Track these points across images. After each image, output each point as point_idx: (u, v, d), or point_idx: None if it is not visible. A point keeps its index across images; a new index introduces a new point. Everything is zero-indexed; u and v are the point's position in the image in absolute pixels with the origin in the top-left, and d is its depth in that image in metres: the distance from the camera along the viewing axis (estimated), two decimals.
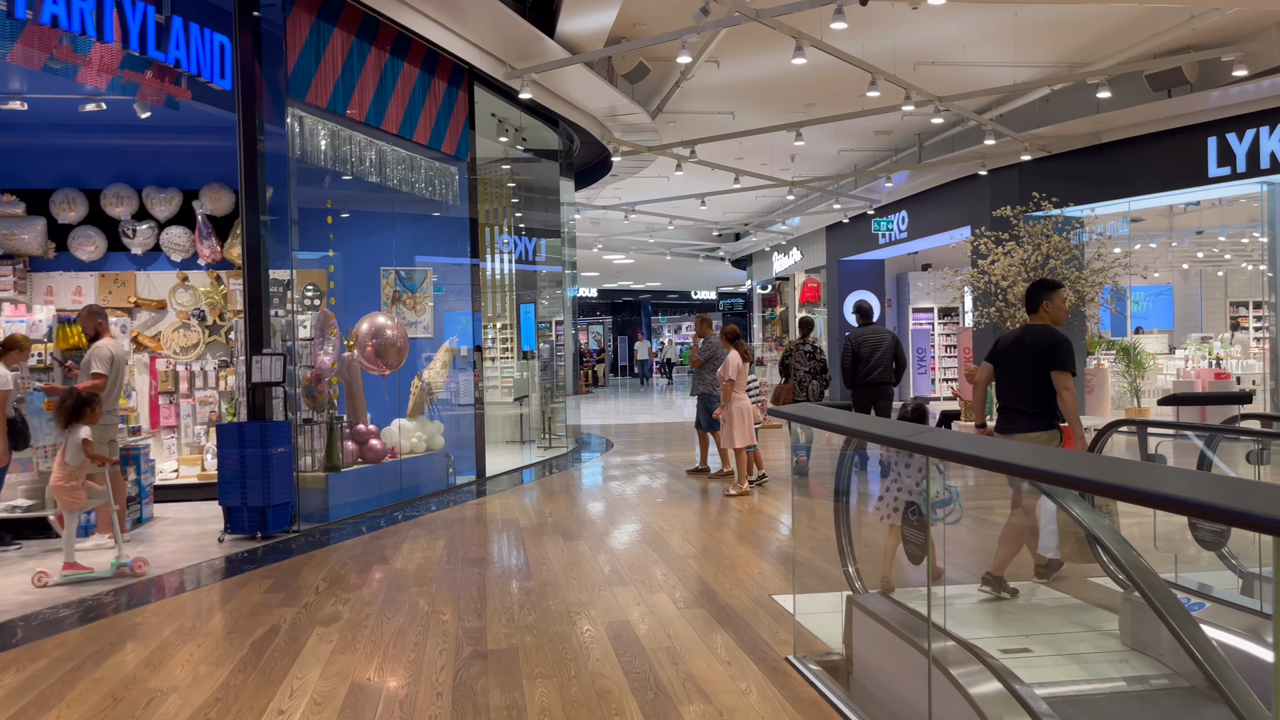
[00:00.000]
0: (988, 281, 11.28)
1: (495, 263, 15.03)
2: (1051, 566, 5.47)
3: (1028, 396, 5.64)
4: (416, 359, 10.24)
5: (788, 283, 28.02)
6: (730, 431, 9.33)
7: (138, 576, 6.28)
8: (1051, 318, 5.80)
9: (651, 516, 8.20)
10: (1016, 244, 10.99)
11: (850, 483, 4.70)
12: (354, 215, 10.24)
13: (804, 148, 17.23)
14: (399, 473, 9.33)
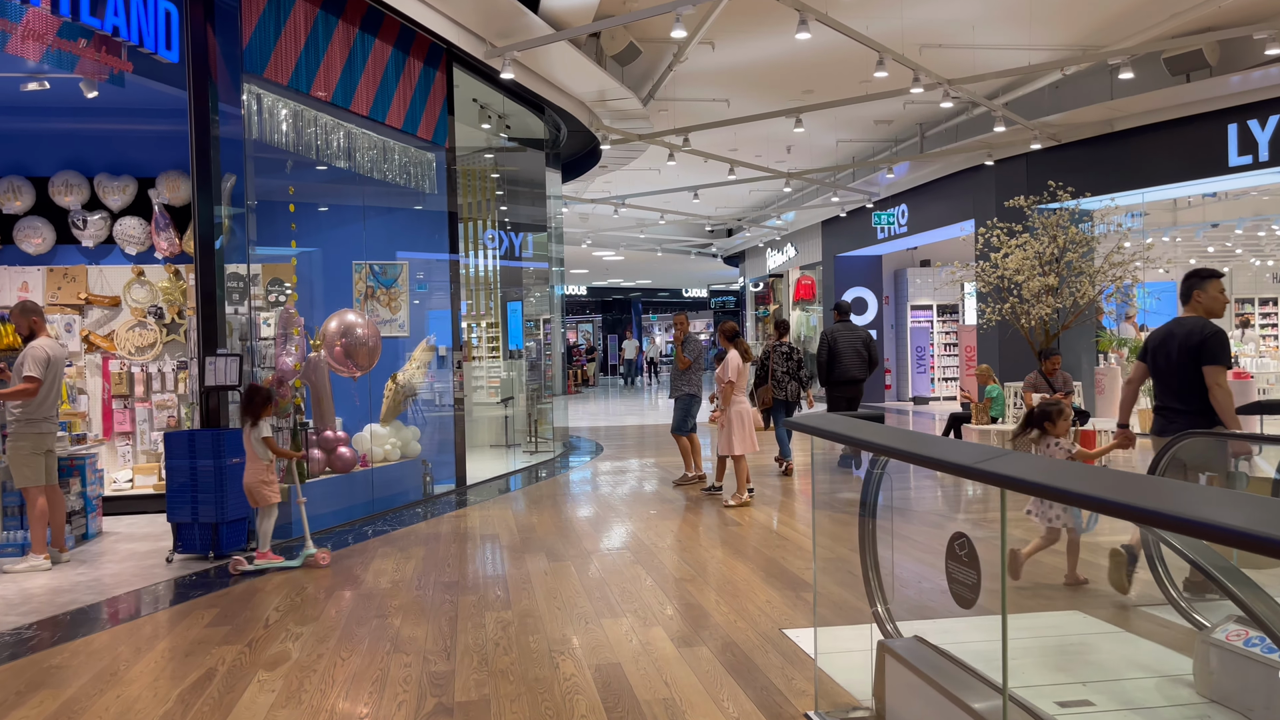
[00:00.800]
0: (999, 276, 10.63)
1: (479, 258, 14.33)
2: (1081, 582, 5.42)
3: (1182, 394, 5.29)
4: (391, 359, 9.53)
5: (781, 280, 27.38)
6: (729, 438, 8.65)
7: (322, 566, 6.48)
8: (1205, 309, 5.39)
9: (644, 531, 7.52)
10: (1031, 236, 10.33)
11: (878, 504, 4.03)
12: (322, 205, 9.54)
13: (801, 139, 16.59)
14: (370, 483, 8.63)
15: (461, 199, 13.91)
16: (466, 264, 14.10)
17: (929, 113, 15.40)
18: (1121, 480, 2.28)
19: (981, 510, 8.01)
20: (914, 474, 9.29)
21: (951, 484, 8.93)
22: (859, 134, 16.76)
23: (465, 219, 13.86)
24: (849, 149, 17.60)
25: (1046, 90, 13.48)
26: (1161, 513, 1.86)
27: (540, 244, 14.51)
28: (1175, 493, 2.07)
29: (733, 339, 8.96)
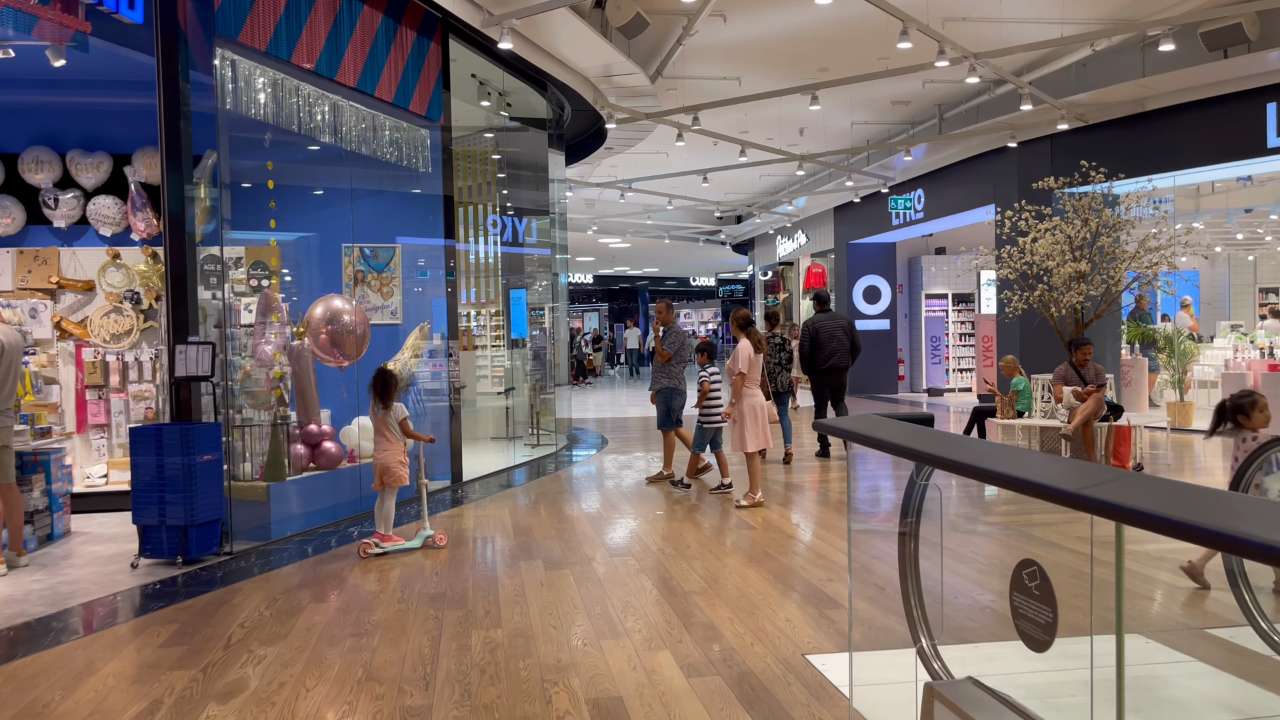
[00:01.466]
0: (1025, 263, 10.03)
1: (481, 244, 13.79)
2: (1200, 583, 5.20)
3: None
4: (383, 348, 8.98)
5: (791, 268, 26.77)
6: (741, 433, 8.08)
7: (440, 546, 6.57)
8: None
9: (650, 535, 6.97)
10: (1062, 220, 9.73)
11: (921, 520, 3.47)
12: (308, 183, 8.98)
13: (815, 121, 15.97)
14: (359, 480, 8.09)
15: (461, 181, 13.36)
16: (466, 250, 13.56)
17: (948, 93, 14.77)
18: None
19: (1051, 529, 7.42)
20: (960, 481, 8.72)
21: (1011, 496, 8.36)
22: (875, 116, 16.13)
23: (465, 202, 13.32)
24: (864, 131, 16.97)
25: (1073, 68, 12.84)
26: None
27: (543, 230, 13.94)
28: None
29: (745, 328, 8.33)
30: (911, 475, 3.36)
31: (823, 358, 10.41)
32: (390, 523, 6.60)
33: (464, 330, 14.40)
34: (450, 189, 9.49)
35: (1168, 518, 1.72)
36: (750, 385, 8.10)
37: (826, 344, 10.35)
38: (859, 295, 21.36)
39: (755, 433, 8.04)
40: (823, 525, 7.19)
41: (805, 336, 10.58)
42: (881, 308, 21.42)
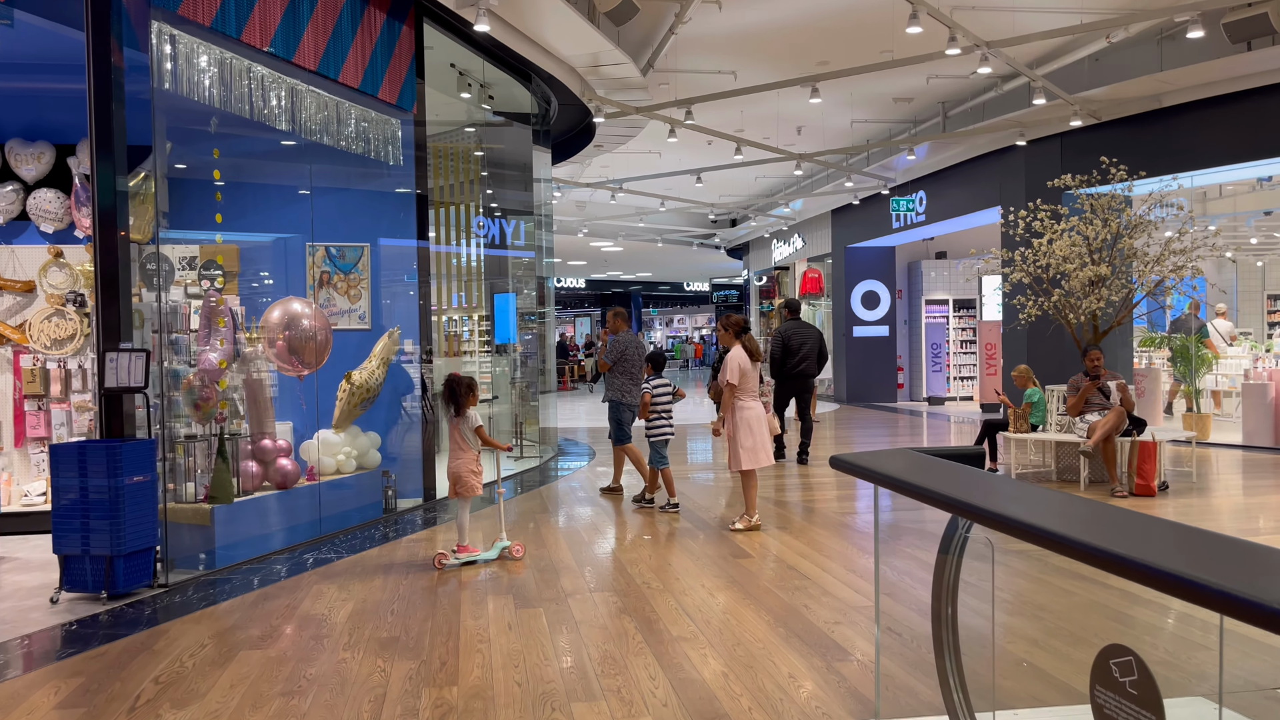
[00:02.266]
0: (1038, 266, 9.39)
1: (464, 246, 13.13)
2: None
3: None
4: (350, 355, 8.32)
5: (787, 272, 26.13)
6: (733, 450, 7.43)
7: (517, 558, 6.36)
8: None
9: (636, 564, 6.30)
10: (1080, 220, 9.09)
11: (959, 576, 2.79)
12: (268, 176, 8.29)
13: (813, 119, 15.34)
14: (317, 500, 7.40)
15: (441, 180, 12.70)
16: (446, 252, 12.90)
17: (953, 89, 14.15)
18: None
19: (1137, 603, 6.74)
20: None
21: None
22: (876, 114, 15.51)
23: (446, 202, 12.66)
24: (864, 130, 16.34)
25: (1086, 63, 12.24)
26: None
27: (529, 231, 13.27)
28: None
29: (740, 334, 7.60)
30: (950, 525, 2.70)
31: (792, 364, 10.63)
32: (466, 532, 6.37)
33: (450, 336, 13.75)
34: (425, 184, 8.83)
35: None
36: (744, 397, 7.41)
37: (797, 351, 10.60)
38: (857, 301, 20.73)
39: (752, 450, 7.36)
40: (825, 553, 6.51)
41: (776, 343, 10.86)
42: (880, 314, 20.79)
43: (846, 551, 6.51)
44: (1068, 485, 9.08)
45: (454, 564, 6.22)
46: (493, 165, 13.08)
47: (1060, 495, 2.20)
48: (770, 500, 8.65)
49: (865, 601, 5.24)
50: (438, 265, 12.84)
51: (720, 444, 12.89)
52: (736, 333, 7.62)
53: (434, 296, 12.84)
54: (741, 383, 7.33)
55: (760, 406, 7.52)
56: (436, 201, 12.70)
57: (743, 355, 7.39)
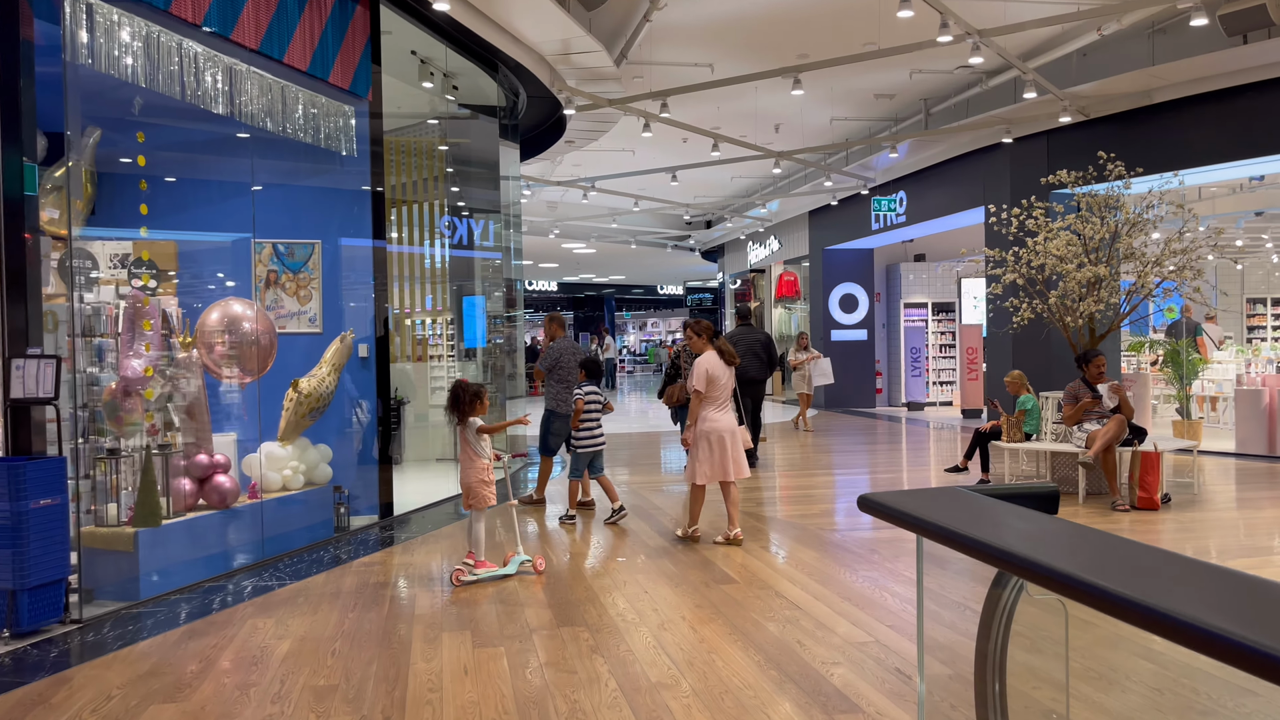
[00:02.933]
0: (1032, 267, 8.92)
1: (428, 246, 12.51)
2: None
3: None
4: (299, 361, 7.69)
5: (762, 275, 25.68)
6: (693, 463, 6.94)
7: (537, 573, 6.08)
8: None
9: (609, 590, 5.72)
10: (1076, 218, 8.63)
11: (1005, 651, 2.24)
12: (204, 166, 7.65)
13: (792, 117, 14.87)
14: (260, 520, 6.76)
15: (404, 176, 12.07)
16: (409, 252, 12.28)
17: (936, 85, 13.71)
18: None
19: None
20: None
21: None
22: (856, 111, 15.05)
23: (411, 200, 12.04)
24: (844, 129, 15.88)
25: (1074, 58, 11.82)
26: None
27: (497, 231, 12.67)
28: None
29: (711, 339, 7.13)
30: (999, 580, 2.14)
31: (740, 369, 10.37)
32: (482, 546, 6.01)
33: (419, 340, 13.11)
34: (381, 178, 8.21)
35: None
36: (712, 407, 6.87)
37: (744, 356, 10.42)
38: (835, 304, 20.29)
39: (713, 462, 6.83)
40: (815, 576, 5.97)
41: None
42: (858, 317, 20.36)
43: (838, 575, 5.97)
44: (1066, 498, 8.60)
45: (472, 579, 5.86)
46: (458, 161, 12.47)
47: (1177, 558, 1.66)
48: (750, 515, 8.10)
49: (864, 636, 4.70)
50: (400, 266, 12.21)
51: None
52: (710, 337, 7.13)
53: (398, 299, 12.23)
54: (709, 391, 6.82)
55: (729, 419, 6.95)
56: (399, 200, 12.09)
57: (714, 361, 6.88)
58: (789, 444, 13.72)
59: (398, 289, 12.10)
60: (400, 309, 12.28)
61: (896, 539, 6.98)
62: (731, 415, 6.95)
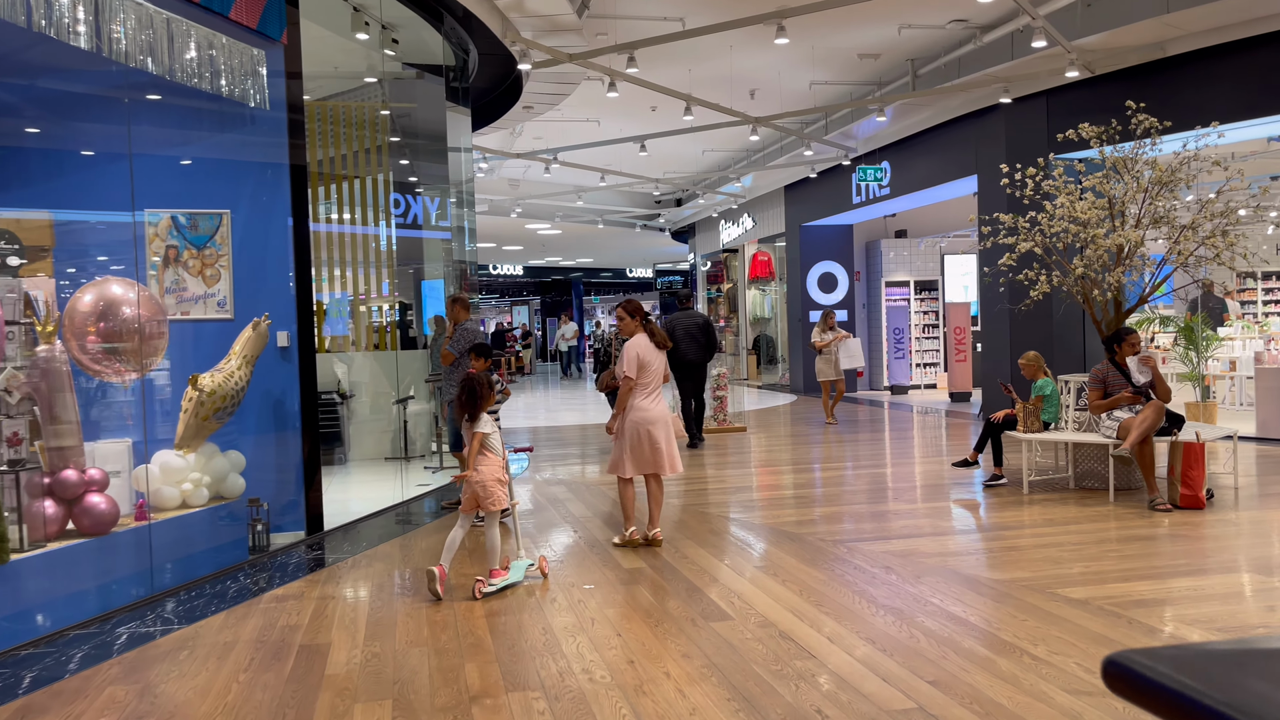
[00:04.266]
0: (1046, 235, 7.90)
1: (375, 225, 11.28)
2: None
3: None
4: (205, 351, 6.50)
5: (735, 255, 24.62)
6: (617, 455, 6.25)
7: (542, 577, 5.59)
8: None
9: (573, 637, 4.61)
10: (1101, 178, 7.61)
11: None
12: (78, 119, 6.41)
13: (768, 81, 13.77)
14: (148, 546, 5.58)
15: (342, 148, 10.83)
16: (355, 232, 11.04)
17: (926, 43, 12.65)
18: None
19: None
20: None
21: None
22: (838, 73, 13.96)
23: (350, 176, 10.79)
24: (825, 93, 14.78)
25: (1079, 7, 10.78)
26: None
27: (444, 207, 11.46)
28: None
29: (644, 321, 6.46)
30: None
31: (680, 353, 10.67)
32: (497, 554, 5.39)
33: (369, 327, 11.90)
34: (302, 132, 7.00)
35: None
36: (643, 394, 6.24)
37: (683, 340, 10.73)
38: (813, 284, 19.27)
39: (638, 457, 6.21)
40: (825, 607, 4.90)
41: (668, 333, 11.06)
42: (838, 297, 19.36)
43: (852, 605, 4.91)
44: (1091, 495, 7.62)
45: (492, 590, 5.27)
46: (403, 130, 11.24)
47: None
48: (734, 521, 7.03)
49: (902, 700, 3.62)
50: (342, 248, 10.97)
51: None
52: (643, 318, 6.45)
53: (341, 283, 11.01)
54: (640, 377, 6.22)
55: (661, 407, 6.32)
56: (339, 175, 10.84)
57: (644, 345, 6.30)
58: (771, 434, 12.68)
59: (338, 272, 10.87)
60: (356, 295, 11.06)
61: (910, 551, 5.93)
62: (664, 404, 6.37)
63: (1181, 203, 7.78)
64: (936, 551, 5.95)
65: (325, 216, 10.43)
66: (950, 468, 8.94)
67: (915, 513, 7.21)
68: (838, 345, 13.56)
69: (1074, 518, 6.82)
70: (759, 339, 23.72)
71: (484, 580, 5.28)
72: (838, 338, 13.62)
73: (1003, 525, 6.67)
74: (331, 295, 11.04)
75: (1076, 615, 4.57)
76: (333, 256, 10.59)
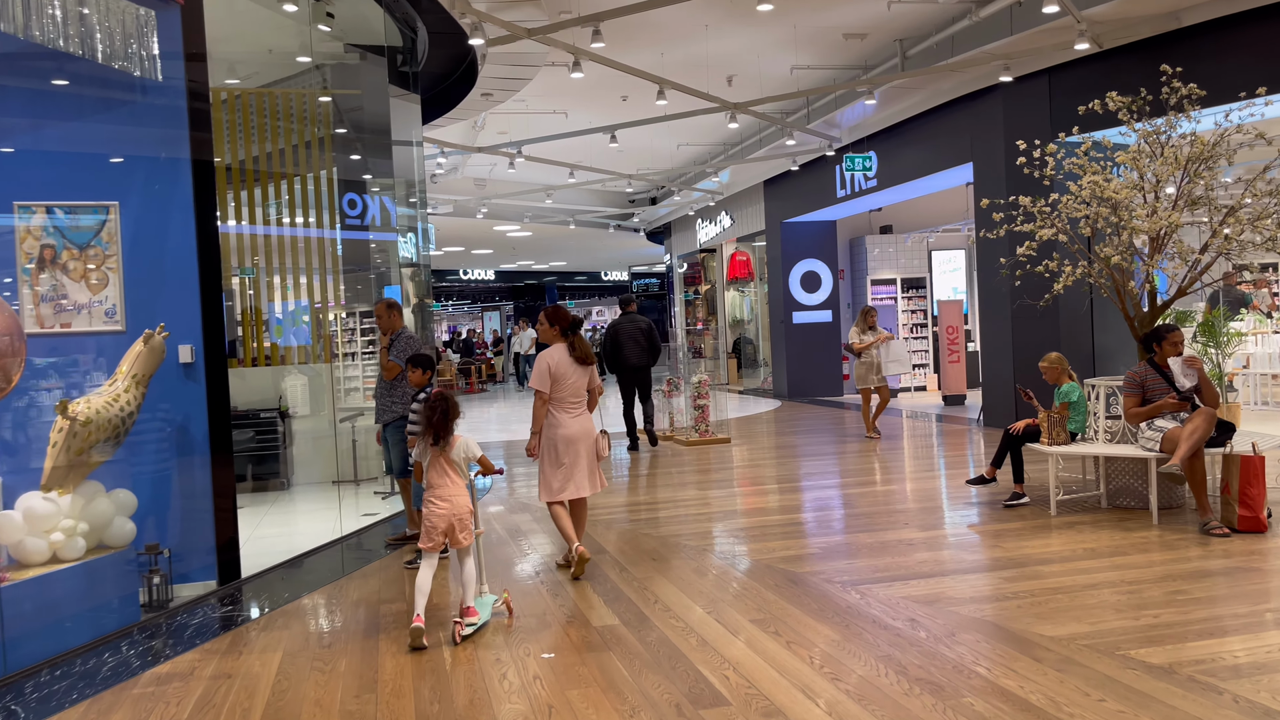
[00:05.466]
0: (1073, 222, 6.95)
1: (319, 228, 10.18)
2: None
3: None
4: (85, 373, 5.43)
5: (713, 255, 23.66)
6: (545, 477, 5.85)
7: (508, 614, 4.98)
8: None
9: (531, 704, 3.59)
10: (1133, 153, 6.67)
11: None
12: None
13: (747, 65, 12.83)
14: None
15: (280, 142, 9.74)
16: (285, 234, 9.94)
17: (916, 20, 11.72)
18: None
19: None
20: None
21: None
22: (821, 57, 13.02)
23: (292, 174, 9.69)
24: (807, 78, 13.84)
25: None
26: None
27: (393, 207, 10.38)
28: None
29: (564, 329, 5.86)
30: None
31: (622, 357, 11.12)
32: (473, 589, 4.87)
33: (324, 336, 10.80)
34: (205, 103, 5.93)
35: None
36: (561, 408, 5.78)
37: (625, 344, 11.06)
38: (796, 283, 18.31)
39: (558, 478, 5.78)
40: (846, 683, 3.89)
41: (607, 338, 11.32)
42: (822, 296, 18.43)
43: (879, 678, 3.90)
44: (1130, 517, 6.67)
45: (471, 630, 4.71)
46: (347, 121, 10.15)
47: None
48: (720, 555, 6.03)
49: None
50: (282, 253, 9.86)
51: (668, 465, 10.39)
52: (563, 329, 5.84)
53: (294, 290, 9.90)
54: (555, 390, 5.76)
55: (582, 424, 5.84)
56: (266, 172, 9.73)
57: (559, 357, 5.78)
58: (757, 446, 11.69)
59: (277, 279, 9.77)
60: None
61: (937, 596, 4.95)
62: (586, 419, 5.89)
63: (1220, 183, 6.85)
64: (968, 595, 4.97)
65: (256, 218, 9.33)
66: (964, 484, 7.97)
67: (932, 542, 6.23)
68: (880, 348, 11.75)
69: (1118, 546, 5.87)
70: (739, 342, 22.78)
71: (461, 622, 4.68)
72: (879, 339, 11.71)
73: (1039, 558, 5.70)
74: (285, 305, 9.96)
75: (1166, 692, 3.59)
76: (271, 263, 9.49)
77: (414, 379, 6.05)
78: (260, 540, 7.53)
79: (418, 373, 6.02)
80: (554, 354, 5.79)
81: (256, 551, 6.71)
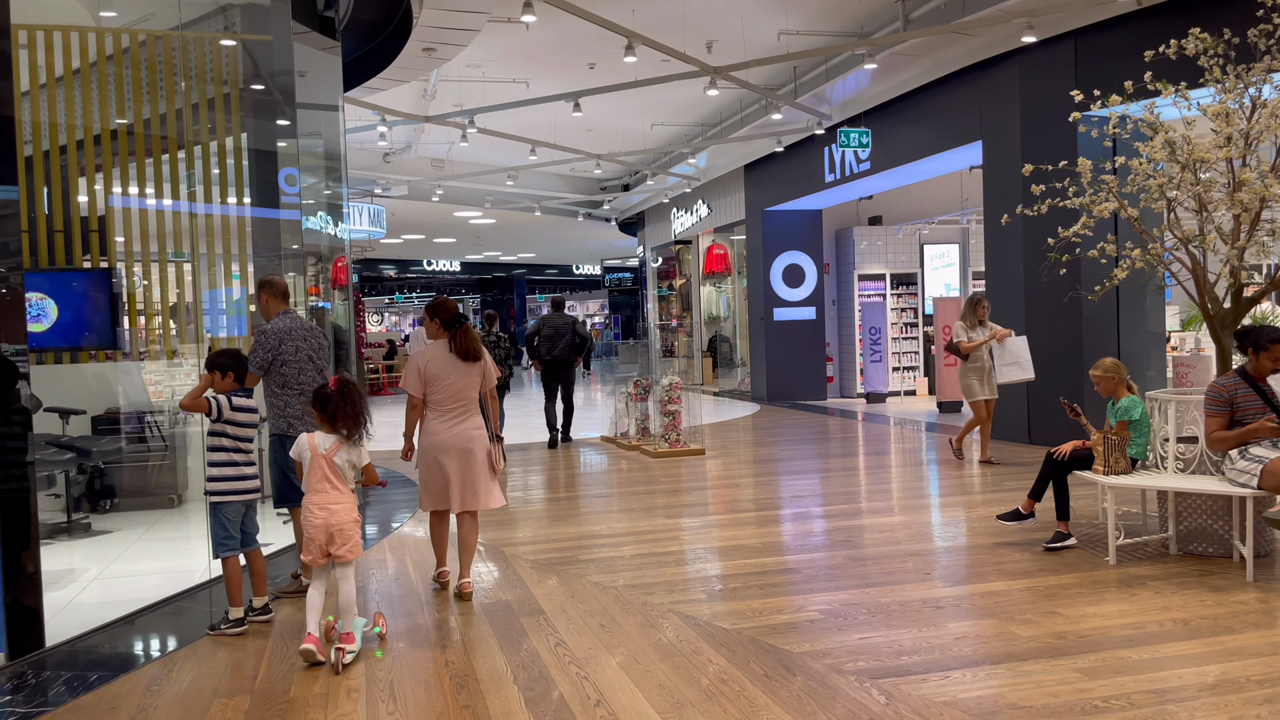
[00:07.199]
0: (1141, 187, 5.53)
1: (219, 203, 8.56)
2: None
3: None
4: None
5: (688, 248, 22.21)
6: (421, 484, 5.29)
7: (382, 638, 4.52)
8: None
9: None
10: (1214, 110, 5.25)
11: None
12: None
13: (729, 29, 11.36)
14: None
15: (182, 102, 8.11)
16: (198, 212, 8.32)
17: None
18: None
19: None
20: None
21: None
22: (812, 20, 11.56)
23: (191, 140, 8.07)
24: (795, 45, 12.35)
25: None
26: None
27: (299, 179, 8.77)
28: None
29: (449, 324, 5.16)
30: None
31: (547, 350, 11.39)
32: (353, 612, 4.31)
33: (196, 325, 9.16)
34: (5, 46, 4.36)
35: None
36: (437, 413, 5.13)
37: (548, 339, 11.36)
38: (777, 278, 16.87)
39: (431, 489, 5.20)
40: None
41: (532, 334, 11.61)
42: (805, 293, 17.00)
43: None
44: (1211, 567, 5.25)
45: (352, 658, 4.20)
46: (246, 74, 8.54)
47: None
48: (696, 627, 4.53)
49: None
50: (193, 232, 8.23)
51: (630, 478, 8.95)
52: (444, 322, 5.14)
53: (194, 274, 8.28)
54: (431, 392, 5.12)
55: (460, 431, 5.14)
56: (173, 137, 8.11)
57: (436, 354, 5.13)
58: (734, 459, 10.21)
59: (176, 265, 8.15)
60: (178, 285, 8.34)
61: (993, 706, 3.49)
62: (469, 425, 5.18)
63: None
64: (1033, 700, 3.50)
65: (152, 192, 7.71)
66: (996, 520, 6.50)
67: (969, 604, 4.77)
68: (994, 347, 8.99)
69: (1212, 612, 4.44)
70: (714, 339, 21.34)
71: (344, 649, 4.20)
72: (994, 335, 8.95)
73: (1116, 634, 4.25)
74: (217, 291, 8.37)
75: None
76: (169, 244, 7.85)
77: (217, 384, 4.69)
78: (108, 581, 6.00)
79: (216, 376, 4.70)
80: (428, 351, 5.15)
81: (94, 601, 5.23)
